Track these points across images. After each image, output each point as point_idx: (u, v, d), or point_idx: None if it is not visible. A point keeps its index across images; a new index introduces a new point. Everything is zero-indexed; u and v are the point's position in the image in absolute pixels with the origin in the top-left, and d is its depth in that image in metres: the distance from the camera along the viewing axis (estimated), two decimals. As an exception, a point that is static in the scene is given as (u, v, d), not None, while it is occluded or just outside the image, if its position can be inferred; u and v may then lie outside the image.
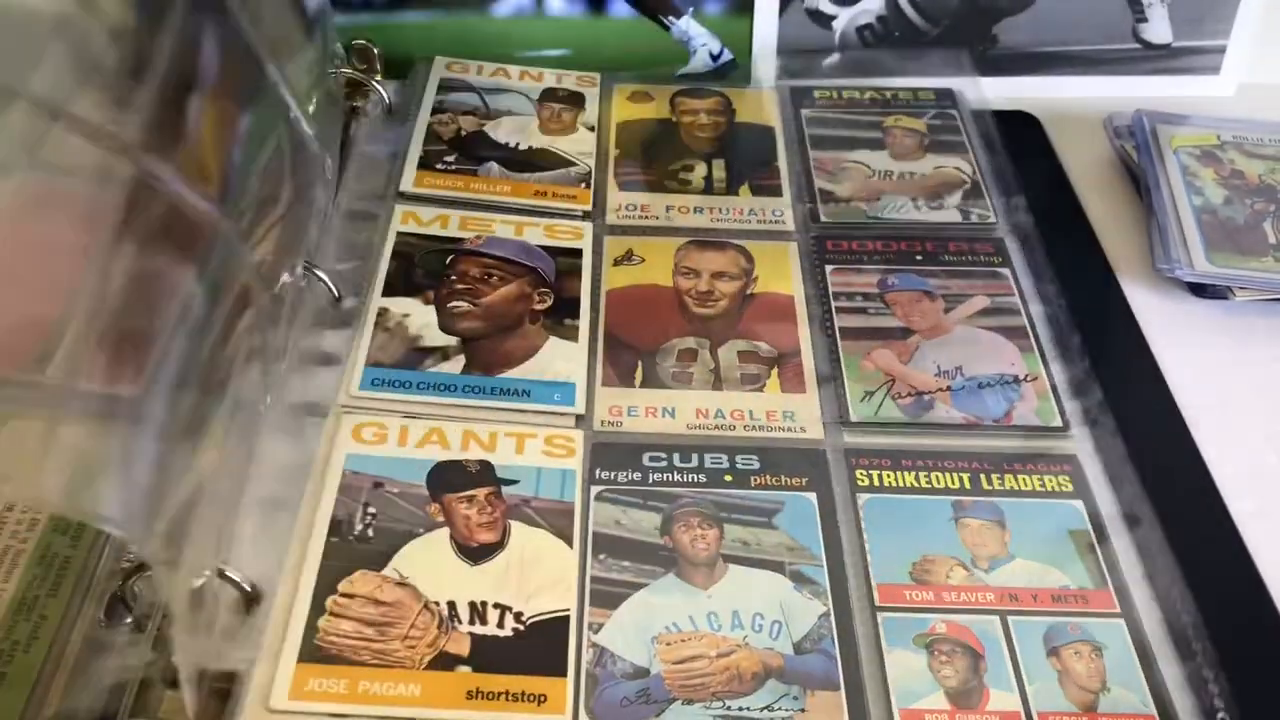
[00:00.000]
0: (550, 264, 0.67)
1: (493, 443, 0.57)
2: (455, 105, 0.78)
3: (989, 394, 0.61)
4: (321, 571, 0.51)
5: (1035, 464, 0.58)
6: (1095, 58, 0.85)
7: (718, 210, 0.72)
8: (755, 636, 0.50)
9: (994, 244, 0.70)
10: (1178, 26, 0.84)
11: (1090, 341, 0.65)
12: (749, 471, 0.57)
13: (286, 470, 0.55)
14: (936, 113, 0.80)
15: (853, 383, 0.62)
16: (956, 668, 0.50)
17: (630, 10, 0.82)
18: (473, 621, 0.50)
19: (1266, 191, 0.74)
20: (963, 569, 0.53)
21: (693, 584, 0.52)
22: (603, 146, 0.76)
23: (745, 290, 0.67)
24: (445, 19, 0.82)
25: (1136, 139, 0.77)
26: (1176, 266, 0.68)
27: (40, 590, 0.49)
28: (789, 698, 0.49)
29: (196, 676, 0.46)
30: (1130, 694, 0.49)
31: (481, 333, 0.63)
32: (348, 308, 0.63)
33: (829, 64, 0.84)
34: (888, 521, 0.55)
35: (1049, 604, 0.52)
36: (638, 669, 0.49)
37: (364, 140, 0.74)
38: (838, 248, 0.70)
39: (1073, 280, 0.69)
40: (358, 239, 0.67)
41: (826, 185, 0.74)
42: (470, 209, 0.70)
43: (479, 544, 0.53)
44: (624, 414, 0.59)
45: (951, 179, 0.75)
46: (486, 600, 0.51)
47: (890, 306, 0.66)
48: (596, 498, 0.55)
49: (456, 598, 0.51)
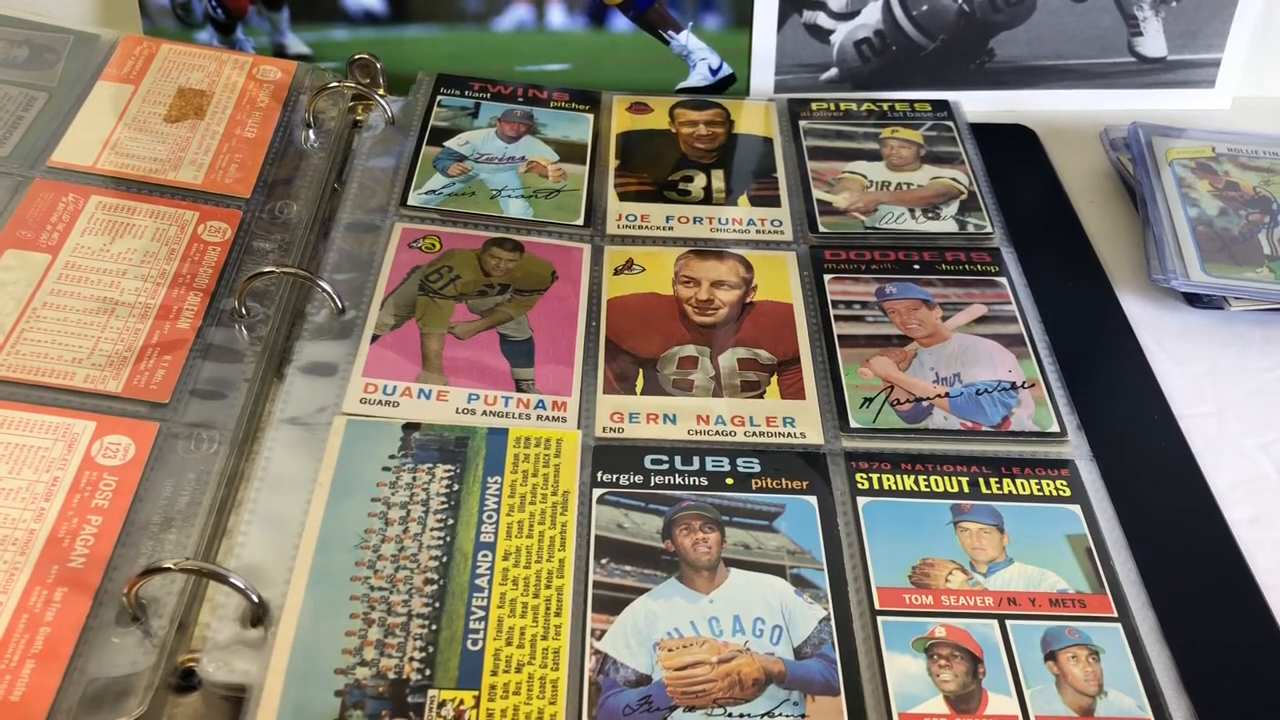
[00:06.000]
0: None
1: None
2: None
3: (986, 400, 0.62)
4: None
5: (1033, 469, 0.58)
6: (1091, 71, 0.86)
7: (717, 220, 0.73)
8: (756, 642, 0.51)
9: (991, 253, 0.71)
10: (1172, 40, 0.85)
11: (1087, 351, 0.66)
12: (750, 474, 0.57)
13: (288, 483, 0.56)
14: (933, 124, 0.80)
15: (852, 390, 0.62)
16: (955, 672, 0.50)
17: (630, 25, 0.83)
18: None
19: (1261, 203, 0.74)
20: (961, 573, 0.54)
21: (694, 589, 0.53)
22: (602, 157, 0.77)
23: (745, 299, 0.67)
24: (447, 34, 0.83)
25: (1132, 151, 0.78)
26: (1172, 277, 0.69)
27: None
28: (789, 703, 0.49)
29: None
30: (1127, 697, 0.50)
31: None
32: (348, 319, 0.63)
33: (826, 79, 0.85)
34: (887, 525, 0.56)
35: (1047, 608, 0.53)
36: (640, 676, 0.50)
37: (366, 154, 0.74)
38: (836, 257, 0.70)
39: (1070, 290, 0.70)
40: (359, 251, 0.68)
41: (824, 196, 0.75)
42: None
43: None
44: (625, 420, 0.60)
45: (948, 189, 0.75)
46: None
47: (888, 314, 0.66)
48: (599, 500, 0.56)
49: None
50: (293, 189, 0.71)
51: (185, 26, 0.82)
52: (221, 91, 0.76)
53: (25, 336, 0.59)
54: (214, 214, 0.68)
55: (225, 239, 0.67)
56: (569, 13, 0.83)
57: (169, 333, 0.61)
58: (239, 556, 0.52)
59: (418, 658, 0.49)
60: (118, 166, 0.70)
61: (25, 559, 0.51)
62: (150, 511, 0.54)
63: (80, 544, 0.52)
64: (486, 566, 0.52)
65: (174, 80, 0.76)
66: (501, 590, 0.52)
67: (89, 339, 0.60)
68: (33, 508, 0.53)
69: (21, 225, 0.65)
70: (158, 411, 0.58)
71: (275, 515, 0.54)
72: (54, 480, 0.54)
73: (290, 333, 0.63)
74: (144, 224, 0.67)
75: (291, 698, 0.48)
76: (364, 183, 0.72)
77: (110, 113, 0.73)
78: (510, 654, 0.50)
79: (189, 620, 0.51)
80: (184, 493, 0.55)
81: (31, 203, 0.66)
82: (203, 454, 0.56)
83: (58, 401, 0.57)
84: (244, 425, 0.58)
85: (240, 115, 0.75)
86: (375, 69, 0.79)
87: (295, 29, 0.82)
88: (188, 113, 0.74)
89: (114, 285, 0.63)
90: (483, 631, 0.50)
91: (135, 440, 0.56)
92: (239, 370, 0.60)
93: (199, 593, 0.52)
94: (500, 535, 0.54)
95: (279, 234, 0.68)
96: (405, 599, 0.51)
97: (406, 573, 0.52)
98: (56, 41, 0.77)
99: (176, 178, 0.70)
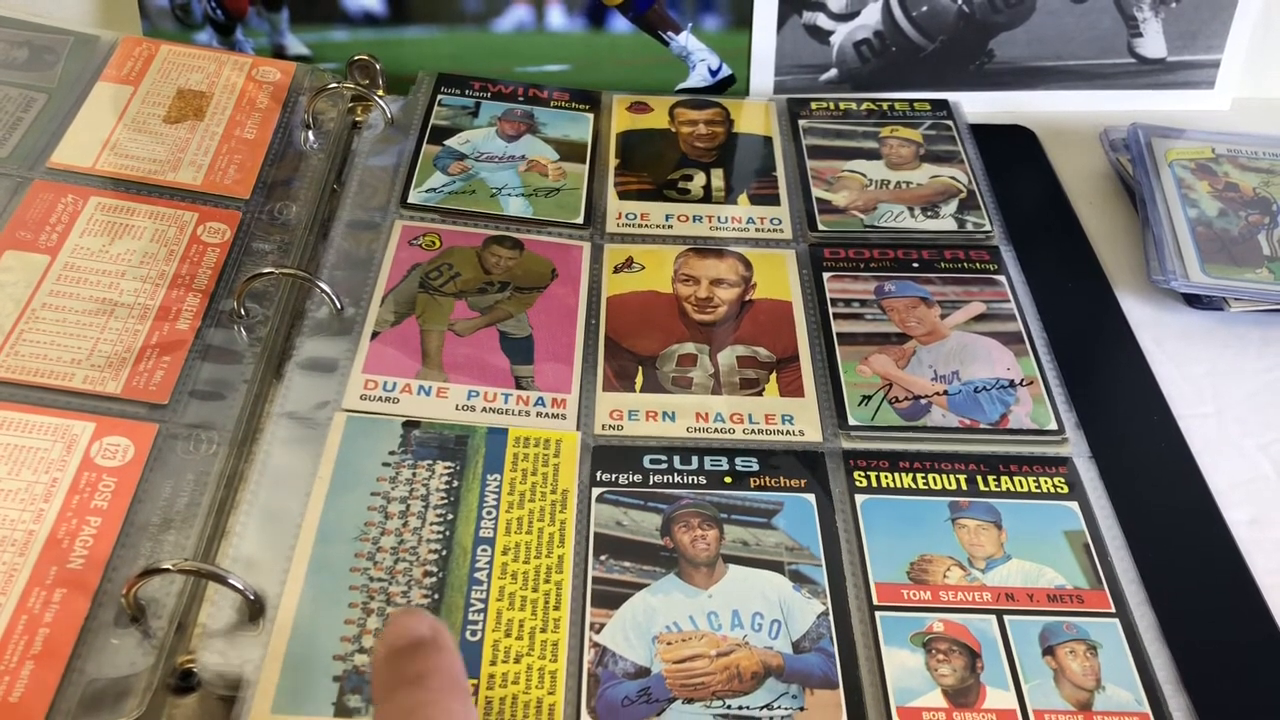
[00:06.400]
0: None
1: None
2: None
3: (985, 398, 0.62)
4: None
5: (1031, 466, 0.58)
6: (1090, 72, 0.86)
7: (716, 218, 0.73)
8: (755, 636, 0.51)
9: (990, 251, 0.71)
10: (1172, 41, 0.85)
11: (1086, 351, 0.66)
12: (748, 473, 0.57)
13: (287, 477, 0.56)
14: (932, 123, 0.80)
15: (850, 387, 0.62)
16: (954, 666, 0.50)
17: (630, 26, 0.83)
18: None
19: (1261, 204, 0.74)
20: (960, 569, 0.54)
21: (693, 584, 0.53)
22: (602, 156, 0.77)
23: (744, 297, 0.67)
24: (447, 34, 0.83)
25: (1132, 152, 0.78)
26: (1172, 278, 0.69)
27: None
28: (788, 696, 0.49)
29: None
30: (1125, 692, 0.50)
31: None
32: (348, 316, 0.64)
33: (825, 80, 0.85)
34: (886, 522, 0.56)
35: (1045, 603, 0.53)
36: (639, 668, 0.50)
37: (366, 152, 0.75)
38: (835, 255, 0.70)
39: (1069, 291, 0.70)
40: (359, 249, 0.68)
41: (824, 194, 0.75)
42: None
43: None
44: (624, 418, 0.60)
45: (947, 188, 0.75)
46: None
47: (887, 312, 0.66)
48: (598, 499, 0.56)
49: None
50: (292, 190, 0.71)
51: (185, 27, 0.82)
52: (221, 92, 0.76)
53: (24, 337, 0.60)
54: (213, 215, 0.68)
55: (224, 240, 0.67)
56: (568, 14, 0.83)
57: (168, 334, 0.61)
58: (237, 548, 0.52)
59: (416, 649, 0.49)
60: (117, 167, 0.70)
61: (24, 560, 0.51)
62: (149, 512, 0.54)
63: (79, 545, 0.52)
64: (486, 561, 0.53)
65: (173, 81, 0.76)
66: (500, 584, 0.52)
67: (88, 340, 0.60)
68: (31, 509, 0.52)
69: (21, 226, 0.65)
70: (157, 412, 0.58)
71: (274, 509, 0.54)
72: (53, 481, 0.54)
73: (290, 334, 0.63)
74: (143, 225, 0.67)
75: (289, 682, 0.48)
76: (364, 181, 0.73)
77: (110, 114, 0.73)
78: (509, 645, 0.50)
79: (188, 621, 0.51)
80: (183, 494, 0.55)
81: (31, 204, 0.66)
82: (202, 455, 0.56)
83: (57, 402, 0.57)
84: (243, 426, 0.58)
85: (240, 116, 0.75)
86: (375, 70, 0.79)
87: (295, 30, 0.82)
88: (187, 114, 0.74)
89: (113, 286, 0.63)
90: (481, 623, 0.50)
91: (134, 441, 0.56)
92: (238, 371, 0.61)
93: (198, 594, 0.52)
94: (499, 531, 0.54)
95: (278, 235, 0.68)
96: (404, 590, 0.51)
97: (406, 565, 0.52)
98: (56, 42, 0.77)
99: (176, 179, 0.70)
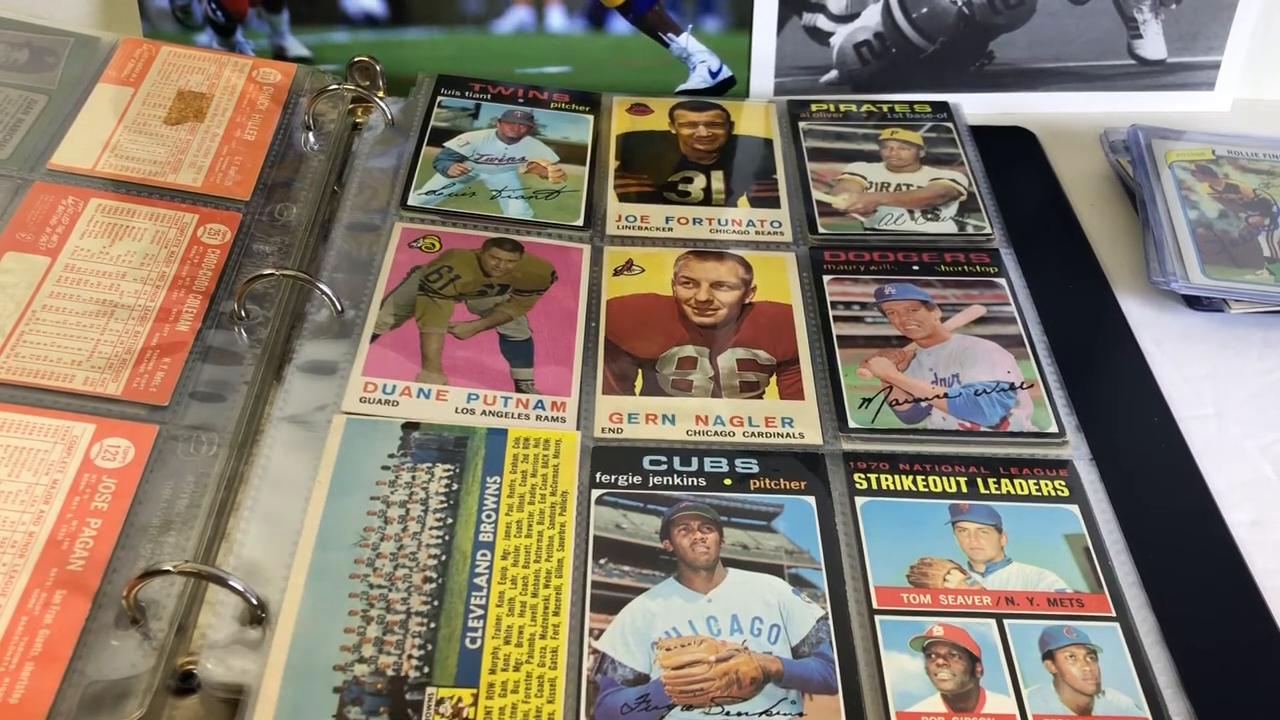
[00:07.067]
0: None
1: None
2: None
3: (985, 401, 0.62)
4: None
5: (1032, 469, 0.58)
6: (1091, 74, 0.86)
7: (717, 221, 0.73)
8: (754, 641, 0.51)
9: (990, 254, 0.71)
10: (1172, 43, 0.85)
11: (1086, 353, 0.66)
12: (748, 475, 0.57)
13: (287, 480, 0.56)
14: (932, 125, 0.80)
15: (850, 390, 0.62)
16: (953, 671, 0.50)
17: (630, 28, 0.83)
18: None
19: (1261, 205, 0.74)
20: (960, 572, 0.54)
21: (692, 588, 0.53)
22: (602, 158, 0.77)
23: (744, 299, 0.67)
24: (447, 36, 0.83)
25: (1132, 153, 0.78)
26: (1172, 279, 0.69)
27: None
28: (787, 702, 0.49)
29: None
30: (1125, 696, 0.50)
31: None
32: (348, 318, 0.64)
33: (826, 82, 0.85)
34: (886, 525, 0.56)
35: (1045, 607, 0.53)
36: (638, 675, 0.50)
37: (366, 154, 0.75)
38: (835, 258, 0.70)
39: (1069, 292, 0.70)
40: (359, 251, 0.68)
41: (824, 197, 0.75)
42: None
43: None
44: (624, 421, 0.60)
45: (947, 191, 0.75)
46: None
47: (887, 315, 0.66)
48: (597, 501, 0.56)
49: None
50: (292, 191, 0.71)
51: (185, 29, 0.82)
52: (221, 94, 0.76)
53: (25, 339, 0.60)
54: (213, 216, 0.68)
55: (225, 241, 0.67)
56: (569, 15, 0.83)
57: (168, 335, 0.61)
58: (238, 554, 0.52)
59: (416, 655, 0.49)
60: (117, 169, 0.70)
61: (24, 561, 0.51)
62: (149, 514, 0.54)
63: (79, 546, 0.52)
64: (485, 565, 0.53)
65: (174, 83, 0.76)
66: (500, 589, 0.52)
67: (88, 341, 0.60)
68: (32, 510, 0.53)
69: (21, 228, 0.65)
70: (157, 414, 0.58)
71: (274, 513, 0.54)
72: (53, 483, 0.54)
73: (290, 335, 0.63)
74: (144, 226, 0.67)
75: (290, 694, 0.48)
76: (364, 183, 0.73)
77: (110, 115, 0.73)
78: (509, 652, 0.50)
79: (188, 623, 0.51)
80: (183, 495, 0.55)
81: (31, 205, 0.66)
82: (202, 456, 0.56)
83: (57, 404, 0.57)
84: (243, 427, 0.58)
85: (240, 118, 0.75)
86: (375, 71, 0.79)
87: (295, 31, 0.82)
88: (187, 115, 0.74)
89: (113, 288, 0.63)
90: (481, 630, 0.50)
91: (135, 443, 0.56)
92: (238, 373, 0.61)
93: (198, 595, 0.52)
94: (499, 535, 0.54)
95: (278, 236, 0.68)
96: (404, 597, 0.51)
97: (405, 571, 0.52)
98: (57, 44, 0.77)
99: (176, 180, 0.70)
